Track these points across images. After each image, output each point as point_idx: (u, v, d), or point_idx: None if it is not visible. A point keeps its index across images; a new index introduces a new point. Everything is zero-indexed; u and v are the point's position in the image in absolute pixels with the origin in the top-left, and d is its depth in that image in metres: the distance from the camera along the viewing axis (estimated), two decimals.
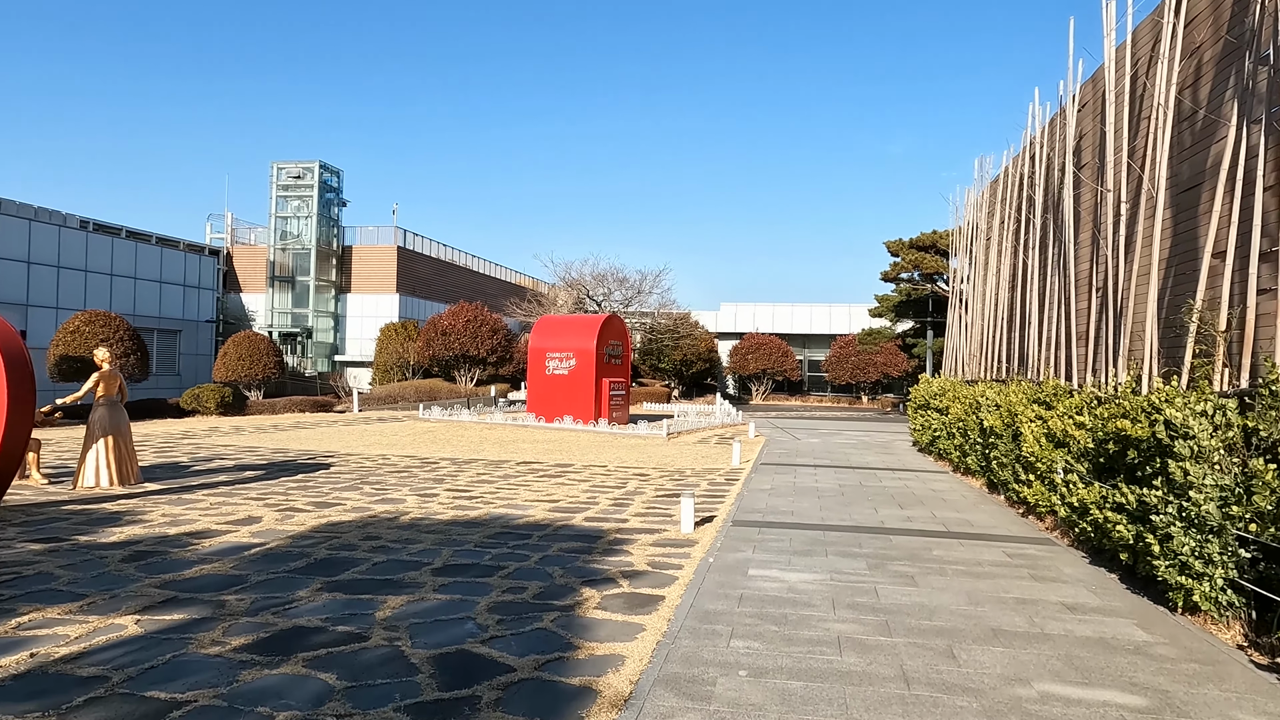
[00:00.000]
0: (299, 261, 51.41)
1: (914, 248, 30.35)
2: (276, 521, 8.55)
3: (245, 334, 30.33)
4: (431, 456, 15.20)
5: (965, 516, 9.50)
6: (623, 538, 7.98)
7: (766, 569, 6.74)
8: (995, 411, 10.63)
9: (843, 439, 20.52)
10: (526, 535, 8.05)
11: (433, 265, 56.58)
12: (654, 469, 13.93)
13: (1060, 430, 8.45)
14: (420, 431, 20.10)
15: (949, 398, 14.54)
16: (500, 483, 11.79)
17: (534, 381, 22.81)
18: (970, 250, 16.75)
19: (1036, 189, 12.01)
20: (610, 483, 12.00)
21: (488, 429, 20.96)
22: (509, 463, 14.44)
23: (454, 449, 16.59)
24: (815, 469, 13.96)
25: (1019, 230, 13.37)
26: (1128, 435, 6.30)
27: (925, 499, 10.77)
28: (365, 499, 10.10)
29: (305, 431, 19.89)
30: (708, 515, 9.26)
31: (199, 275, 35.30)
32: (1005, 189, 14.34)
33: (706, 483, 12.11)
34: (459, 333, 32.28)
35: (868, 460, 15.51)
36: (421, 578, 6.36)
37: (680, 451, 16.99)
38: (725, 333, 50.55)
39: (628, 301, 34.67)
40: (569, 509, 9.60)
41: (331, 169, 52.80)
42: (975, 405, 12.06)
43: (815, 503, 10.22)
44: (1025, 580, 6.55)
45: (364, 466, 13.47)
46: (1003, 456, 10.29)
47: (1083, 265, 10.35)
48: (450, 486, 11.30)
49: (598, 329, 22.13)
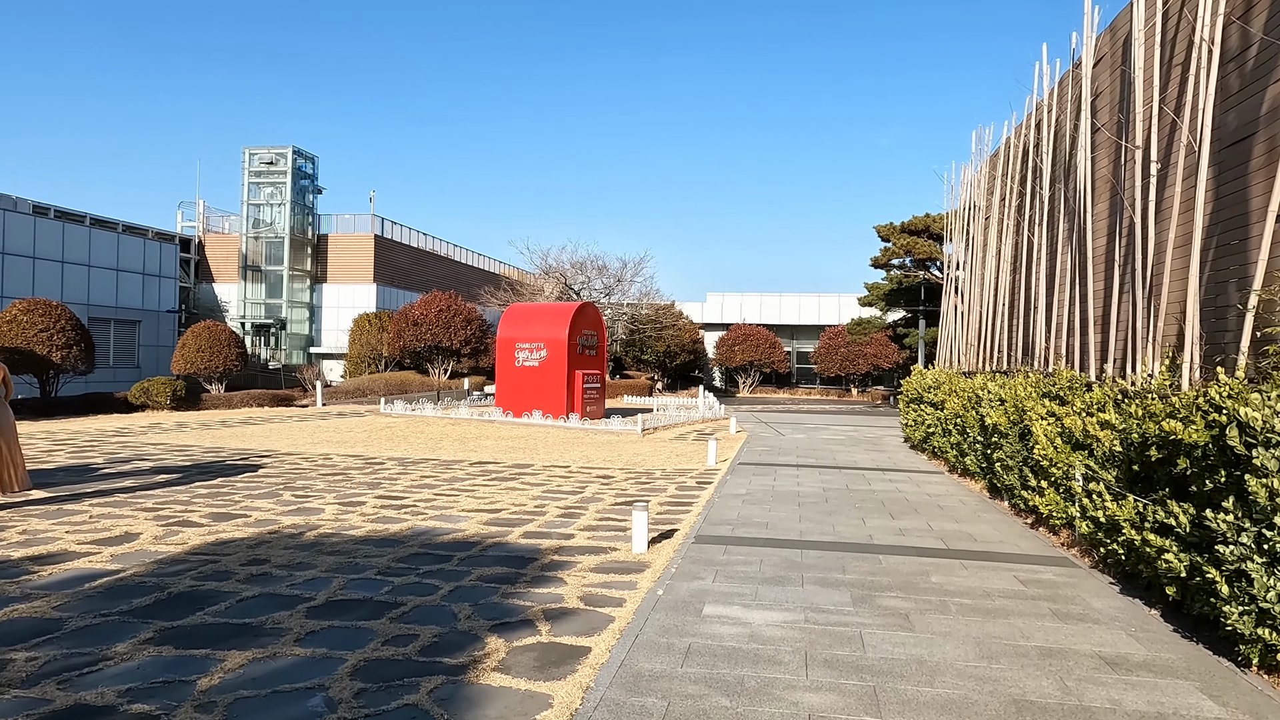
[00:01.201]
0: (272, 250, 49.84)
1: (906, 232, 28.96)
2: (154, 540, 7.20)
3: (205, 324, 28.83)
4: (378, 456, 13.85)
5: (966, 529, 8.23)
6: (561, 560, 6.67)
7: (727, 605, 5.44)
8: (999, 407, 9.35)
9: (830, 434, 19.26)
10: (446, 557, 6.73)
11: (411, 254, 55.03)
12: (620, 470, 12.63)
13: (1079, 430, 7.18)
14: (378, 428, 18.74)
15: (944, 391, 13.27)
16: (443, 488, 10.46)
17: (503, 374, 21.45)
18: (967, 232, 15.48)
19: (1044, 158, 10.72)
20: (567, 487, 10.69)
21: (451, 424, 19.60)
22: (462, 463, 13.11)
23: (407, 447, 15.24)
24: (798, 469, 12.68)
25: (1023, 206, 12.09)
26: (1178, 439, 5.02)
27: (920, 506, 9.50)
28: (277, 509, 8.76)
29: (253, 428, 18.49)
30: (668, 529, 7.95)
31: (160, 263, 33.69)
32: (1007, 162, 13.05)
33: (675, 487, 10.81)
34: (431, 323, 30.86)
35: (855, 459, 14.24)
36: (289, 621, 5.03)
37: (654, 449, 15.69)
38: (711, 323, 49.24)
39: (609, 290, 33.28)
40: (508, 521, 8.28)
41: (306, 155, 51.19)
42: (975, 400, 10.79)
43: (794, 512, 8.93)
44: (1047, 619, 5.26)
45: (298, 468, 12.12)
46: (1008, 458, 9.02)
47: (1099, 240, 9.07)
48: (384, 493, 9.96)
49: (570, 318, 20.78)
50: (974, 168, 14.90)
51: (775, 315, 48.78)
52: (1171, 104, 7.29)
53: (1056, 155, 10.59)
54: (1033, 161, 11.34)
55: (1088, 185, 9.11)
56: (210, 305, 51.06)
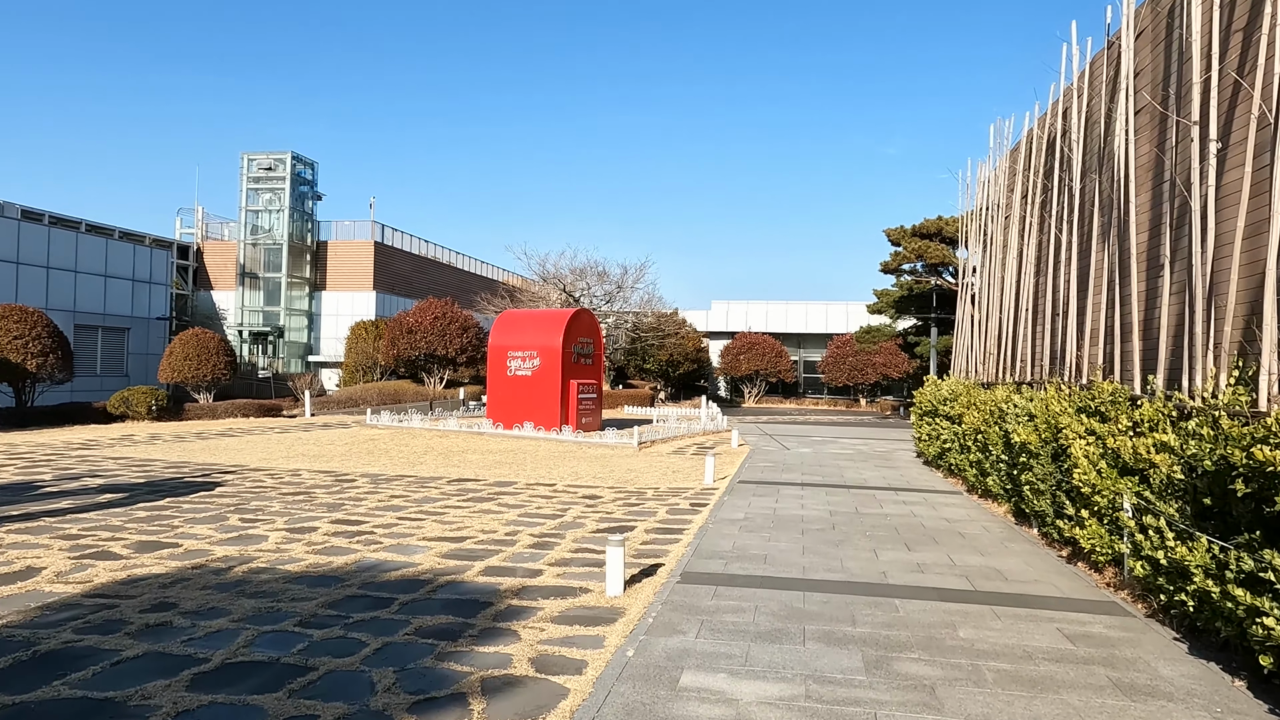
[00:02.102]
0: (270, 257, 49.17)
1: (917, 235, 27.77)
2: (55, 577, 6.23)
3: (194, 332, 27.99)
4: (351, 472, 12.88)
5: (994, 563, 7.19)
6: (520, 606, 5.66)
7: (710, 672, 4.42)
8: (1028, 424, 8.32)
9: (837, 448, 18.21)
10: (385, 601, 5.74)
11: (412, 261, 54.26)
12: (610, 489, 11.63)
13: (1129, 452, 6.15)
14: (360, 441, 17.78)
15: (962, 404, 12.23)
16: (410, 510, 9.48)
17: (494, 384, 20.47)
18: (985, 232, 14.45)
19: (1074, 147, 9.71)
20: (548, 510, 9.69)
21: (438, 437, 18.63)
22: (439, 481, 12.12)
23: (386, 462, 14.27)
24: (803, 489, 11.65)
25: (1049, 201, 11.07)
26: (1275, 472, 3.99)
27: (939, 534, 8.46)
28: (216, 536, 7.79)
29: (229, 441, 17.56)
30: (652, 563, 6.93)
31: (150, 269, 32.87)
32: (1030, 154, 12.03)
33: (666, 510, 9.79)
34: (425, 330, 29.94)
35: (865, 477, 13.20)
36: (162, 696, 4.04)
37: (649, 465, 14.67)
38: (716, 332, 48.22)
39: (610, 298, 32.29)
40: (471, 553, 7.28)
41: (305, 160, 50.54)
42: (998, 414, 9.76)
43: (797, 542, 7.91)
44: (1108, 694, 4.23)
45: (259, 486, 11.16)
46: (1038, 481, 7.98)
47: (1140, 235, 8.05)
48: (343, 516, 8.98)
49: (564, 325, 19.81)
50: (992, 164, 13.89)
51: (781, 324, 47.74)
52: (1230, 76, 6.28)
53: (1089, 143, 9.57)
54: (1060, 152, 10.32)
55: (1128, 174, 8.08)
56: (209, 313, 50.37)
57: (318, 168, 51.05)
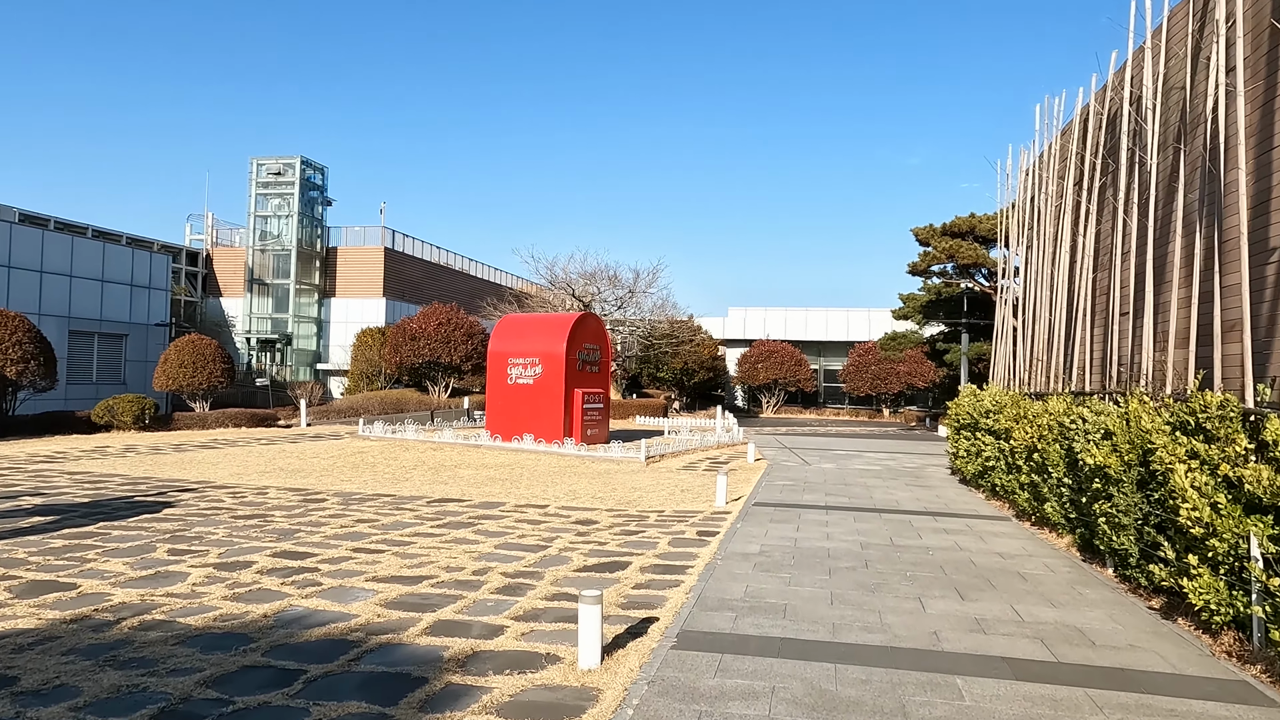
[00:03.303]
0: (279, 264, 48.37)
1: (948, 234, 26.08)
2: None
3: (190, 338, 27.01)
4: (324, 490, 11.61)
5: (1072, 619, 5.76)
6: (460, 687, 4.32)
7: None
8: (1104, 443, 6.87)
9: (863, 464, 16.74)
10: (290, 675, 4.41)
11: (423, 268, 53.33)
12: (608, 512, 10.28)
13: (1264, 484, 4.73)
14: (348, 454, 16.54)
15: (1008, 416, 10.78)
16: (372, 539, 8.17)
17: (494, 393, 19.17)
18: (1030, 226, 12.97)
19: (1148, 117, 8.27)
20: (531, 539, 8.35)
21: (432, 450, 17.35)
22: (418, 501, 10.83)
23: (368, 478, 13.00)
24: (827, 513, 10.24)
25: (1112, 185, 9.61)
26: None
27: (994, 575, 7.03)
28: (126, 575, 6.51)
29: (208, 454, 16.38)
30: (642, 617, 5.57)
31: (149, 274, 31.96)
32: (1087, 133, 10.58)
33: (668, 540, 8.41)
34: (429, 337, 28.76)
35: (897, 498, 11.75)
36: None
37: (655, 482, 13.30)
38: (733, 339, 46.75)
39: (621, 303, 30.96)
40: (423, 601, 5.95)
41: (315, 165, 49.73)
42: (1058, 430, 8.31)
43: (823, 585, 6.51)
44: None
45: (214, 508, 9.91)
46: (1119, 514, 6.54)
47: (1232, 217, 6.59)
48: (289, 548, 7.69)
49: (568, 330, 18.49)
50: (1038, 147, 12.43)
51: (801, 331, 46.19)
52: None
53: (1166, 112, 8.14)
54: (1129, 123, 8.87)
55: (1227, 140, 6.65)
56: (218, 320, 49.64)
57: (328, 173, 50.23)
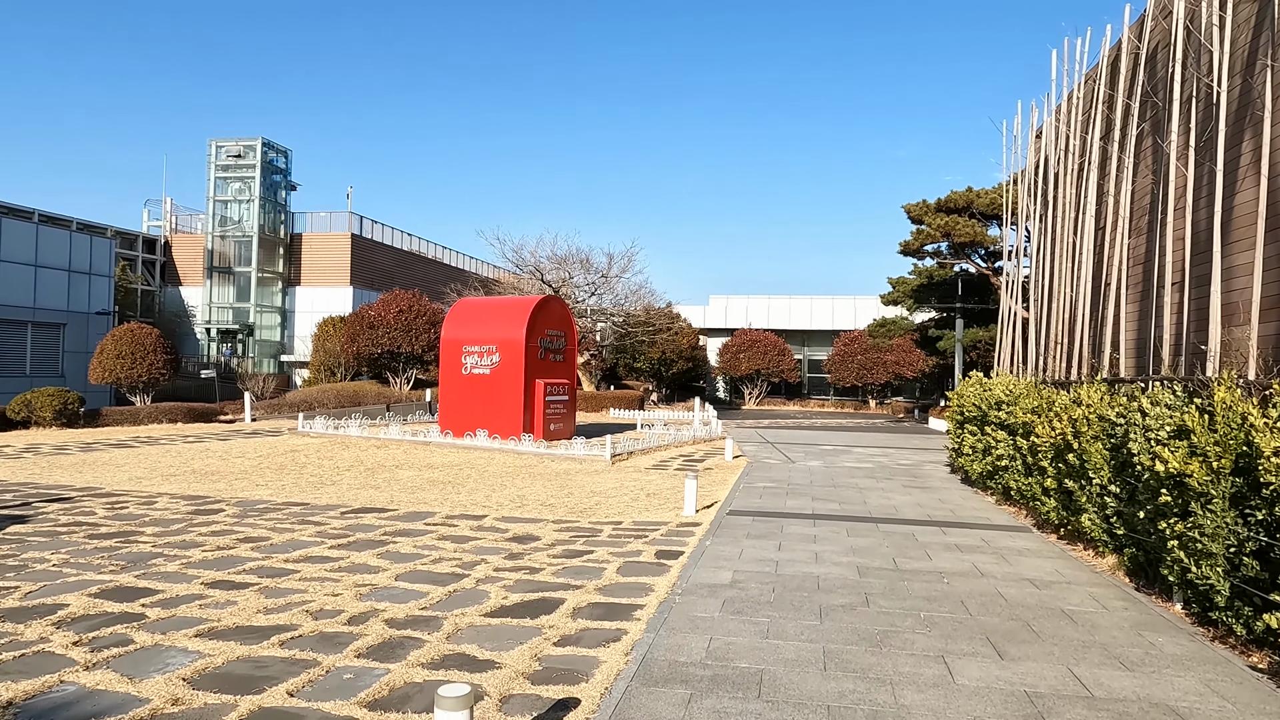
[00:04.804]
0: (241, 250, 46.27)
1: (943, 210, 24.30)
2: None
3: (128, 327, 25.07)
4: (225, 499, 9.87)
5: (1161, 694, 4.15)
6: None
7: None
8: (1179, 444, 5.26)
9: (853, 460, 15.16)
10: None
11: (393, 255, 51.35)
12: (556, 524, 8.61)
13: None
14: (279, 453, 14.76)
15: (1025, 408, 9.20)
16: (246, 567, 6.47)
17: (447, 385, 17.42)
18: (1047, 189, 11.36)
19: (1213, 36, 6.65)
20: (446, 565, 6.66)
21: (375, 448, 15.60)
22: (332, 512, 9.11)
23: (285, 483, 11.27)
24: (815, 524, 8.62)
25: (1151, 135, 8.00)
26: None
27: (1033, 616, 5.42)
28: None
29: (117, 454, 14.56)
30: (557, 701, 3.90)
31: (90, 259, 29.86)
32: (1116, 75, 8.96)
33: (619, 564, 6.75)
34: (389, 326, 26.92)
35: (895, 503, 10.16)
36: None
37: (621, 484, 11.65)
38: (714, 329, 45.12)
39: (595, 289, 29.21)
40: (253, 672, 4.26)
41: (278, 148, 47.55)
42: (1105, 426, 6.71)
43: (813, 639, 4.87)
44: None
45: (77, 523, 8.16)
46: (1205, 538, 4.93)
47: None
48: (130, 582, 5.97)
49: (528, 314, 16.76)
50: (1055, 99, 10.81)
51: (785, 320, 44.64)
52: None
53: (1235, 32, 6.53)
54: (1186, 47, 7.24)
55: None
56: (177, 310, 47.51)
57: (291, 156, 48.15)
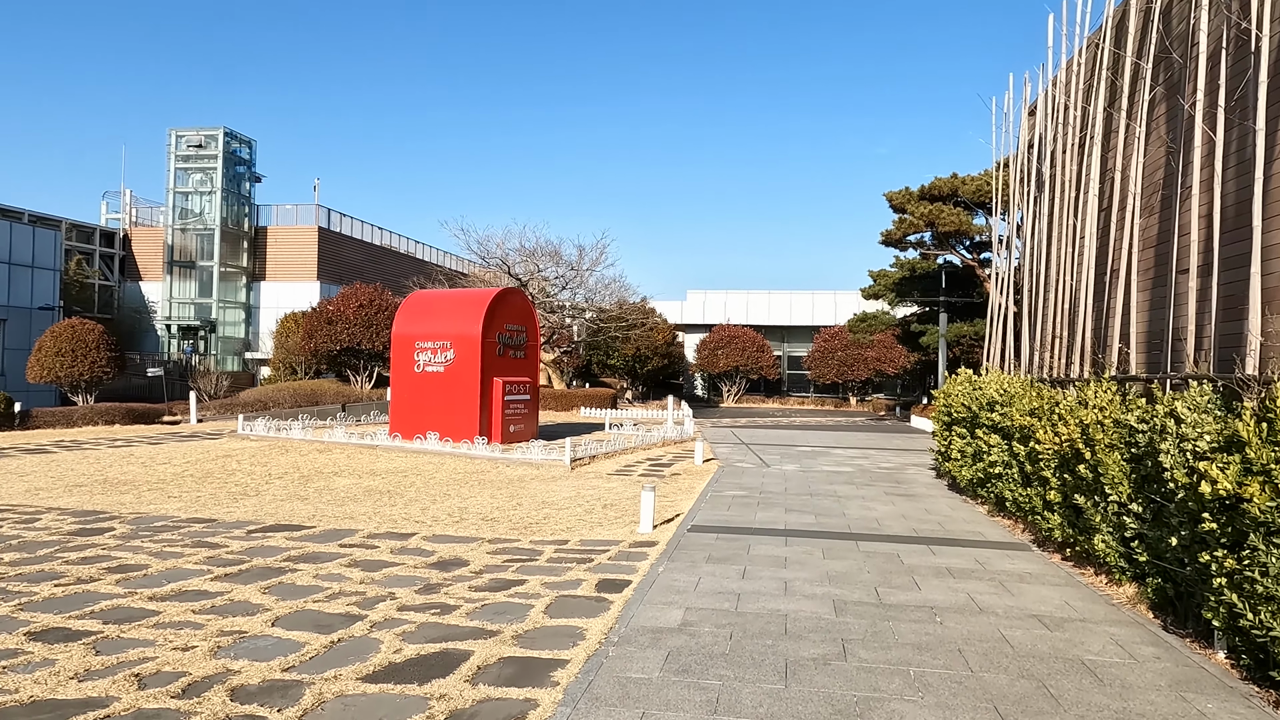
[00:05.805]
0: (203, 244, 44.64)
1: (926, 198, 23.22)
2: None
3: (69, 323, 23.64)
4: (122, 514, 8.67)
5: None
6: None
7: None
8: (1230, 458, 4.23)
9: (831, 464, 14.14)
10: None
11: (362, 250, 49.85)
12: (492, 544, 7.50)
13: None
14: (210, 458, 13.53)
15: (1021, 410, 8.18)
16: (99, 605, 5.31)
17: (399, 383, 16.23)
18: (1049, 164, 10.36)
19: None
20: (341, 603, 5.53)
21: (317, 452, 14.39)
22: (238, 531, 7.95)
23: (202, 495, 10.08)
24: (786, 543, 7.56)
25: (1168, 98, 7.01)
26: None
27: (1048, 671, 4.38)
28: None
29: (25, 461, 13.28)
30: None
31: (33, 251, 28.36)
32: (1124, 34, 7.96)
33: (549, 600, 5.64)
34: (348, 321, 25.65)
35: (877, 515, 9.12)
36: None
37: (578, 492, 10.56)
38: (692, 324, 44.07)
39: (566, 283, 28.07)
40: None
41: (241, 138, 45.88)
42: (1125, 433, 5.69)
43: (774, 710, 3.79)
44: None
45: None
46: (1269, 580, 3.90)
47: None
48: None
49: (485, 307, 15.62)
50: (1051, 69, 9.81)
51: (764, 315, 43.67)
52: None
53: None
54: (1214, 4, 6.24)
55: None
56: (137, 306, 45.78)
57: (256, 146, 46.54)
